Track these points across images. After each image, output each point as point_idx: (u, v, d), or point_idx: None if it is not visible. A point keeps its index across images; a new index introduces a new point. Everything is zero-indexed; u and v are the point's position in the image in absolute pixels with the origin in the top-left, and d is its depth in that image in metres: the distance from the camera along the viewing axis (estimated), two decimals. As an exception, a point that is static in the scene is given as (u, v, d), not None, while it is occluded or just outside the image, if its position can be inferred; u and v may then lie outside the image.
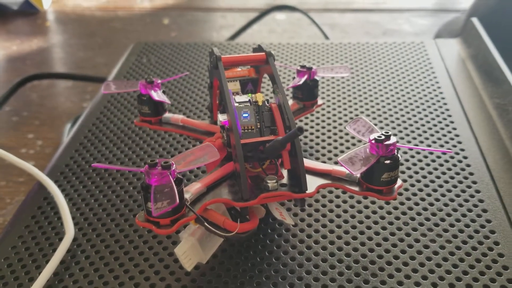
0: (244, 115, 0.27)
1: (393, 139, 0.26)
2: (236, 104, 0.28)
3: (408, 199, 0.32)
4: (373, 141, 0.26)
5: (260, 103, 0.28)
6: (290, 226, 0.31)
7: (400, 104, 0.42)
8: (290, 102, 0.37)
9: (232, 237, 0.26)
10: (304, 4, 0.83)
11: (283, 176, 0.28)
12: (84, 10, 0.85)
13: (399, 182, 0.27)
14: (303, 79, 0.35)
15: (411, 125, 0.39)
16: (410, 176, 0.34)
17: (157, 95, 0.34)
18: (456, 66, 0.46)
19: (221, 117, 0.29)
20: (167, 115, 0.35)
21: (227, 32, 0.75)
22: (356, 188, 0.27)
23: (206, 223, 0.25)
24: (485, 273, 0.27)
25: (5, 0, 0.81)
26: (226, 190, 0.27)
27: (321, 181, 0.27)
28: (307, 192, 0.26)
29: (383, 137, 0.26)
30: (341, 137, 0.38)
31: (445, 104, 0.41)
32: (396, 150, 0.26)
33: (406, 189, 0.33)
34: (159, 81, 0.35)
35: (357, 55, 0.50)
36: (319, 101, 0.37)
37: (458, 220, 0.30)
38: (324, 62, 0.49)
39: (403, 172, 0.34)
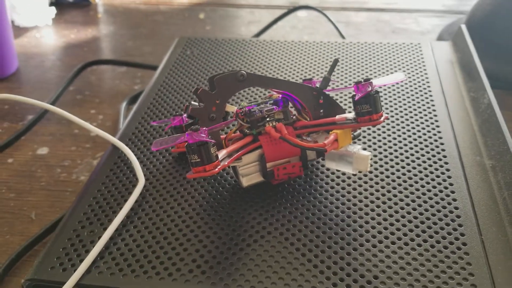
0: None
1: (369, 80, 0.36)
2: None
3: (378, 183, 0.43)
4: (355, 85, 0.37)
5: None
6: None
7: (391, 97, 0.52)
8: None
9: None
10: (323, 3, 0.93)
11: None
12: (130, 3, 0.96)
13: (385, 115, 0.37)
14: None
15: (397, 114, 0.49)
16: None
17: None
18: (445, 66, 0.56)
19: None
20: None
21: (254, 27, 0.85)
22: (355, 123, 0.37)
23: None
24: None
25: (61, -8, 0.92)
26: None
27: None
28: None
29: (362, 80, 0.36)
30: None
31: (432, 101, 0.51)
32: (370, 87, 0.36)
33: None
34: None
35: (362, 54, 0.60)
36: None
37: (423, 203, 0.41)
38: (328, 60, 0.59)
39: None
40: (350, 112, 0.41)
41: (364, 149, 0.44)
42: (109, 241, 0.37)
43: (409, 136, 0.46)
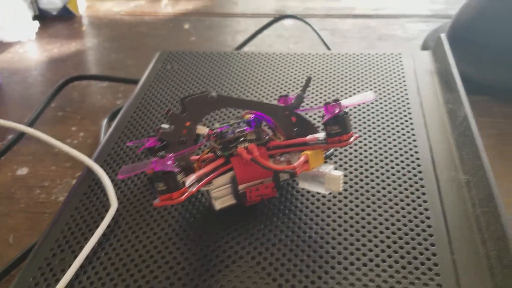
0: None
1: (338, 101, 0.36)
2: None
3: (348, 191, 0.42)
4: (324, 106, 0.37)
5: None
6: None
7: (369, 110, 0.52)
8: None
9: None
10: (309, 10, 0.93)
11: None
12: (115, 15, 0.96)
13: (355, 135, 0.37)
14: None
15: (374, 128, 0.49)
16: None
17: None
18: (425, 77, 0.56)
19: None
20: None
21: (241, 37, 0.85)
22: (324, 144, 0.37)
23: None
24: None
25: (45, 6, 0.92)
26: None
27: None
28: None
29: (332, 101, 0.37)
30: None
31: (410, 114, 0.50)
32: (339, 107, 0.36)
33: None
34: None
35: (344, 65, 0.59)
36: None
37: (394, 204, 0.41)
38: (310, 72, 0.59)
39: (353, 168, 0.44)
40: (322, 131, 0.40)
41: (336, 168, 0.44)
42: (80, 269, 0.37)
43: (385, 152, 0.45)
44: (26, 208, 0.51)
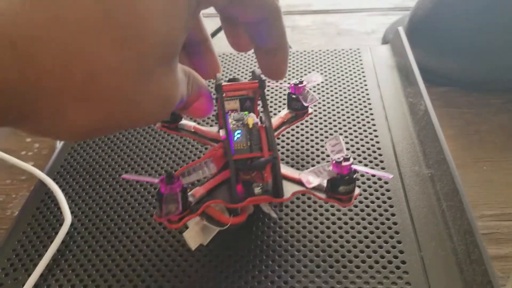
0: (237, 135, 0.35)
1: (350, 161, 0.33)
2: (233, 123, 0.35)
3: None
4: (334, 162, 0.33)
5: (250, 126, 0.35)
6: (275, 220, 0.39)
7: (330, 107, 0.51)
8: (285, 111, 0.44)
9: (226, 228, 0.34)
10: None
11: (268, 181, 0.34)
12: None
13: (357, 191, 0.34)
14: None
15: (335, 125, 0.48)
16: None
17: None
18: (385, 71, 0.55)
19: (222, 132, 0.36)
20: (182, 122, 0.43)
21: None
22: (323, 196, 0.34)
23: (205, 218, 0.33)
24: None
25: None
26: (223, 193, 0.34)
27: (296, 188, 0.34)
28: (284, 197, 0.33)
29: (342, 159, 0.33)
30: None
31: (370, 109, 0.49)
32: (351, 169, 0.33)
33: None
34: None
35: (304, 62, 0.58)
36: (310, 110, 0.44)
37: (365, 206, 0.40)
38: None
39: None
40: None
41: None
42: (33, 289, 0.35)
43: (347, 149, 0.44)
44: (-21, 225, 0.49)
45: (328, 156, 0.44)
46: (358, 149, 0.44)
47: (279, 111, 0.47)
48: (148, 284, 0.34)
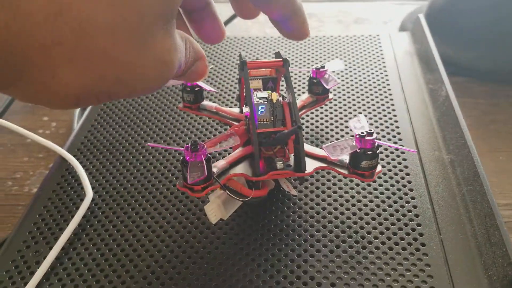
0: (261, 110, 0.35)
1: (373, 136, 0.33)
2: (256, 100, 0.35)
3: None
4: (357, 136, 0.33)
5: (274, 101, 0.35)
6: (294, 197, 0.39)
7: (350, 92, 0.51)
8: (306, 95, 0.44)
9: (247, 201, 0.34)
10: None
11: (289, 158, 0.35)
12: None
13: (379, 167, 0.34)
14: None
15: (354, 110, 0.48)
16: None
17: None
18: (404, 58, 0.55)
19: (245, 109, 0.37)
20: (204, 102, 0.43)
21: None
22: (345, 171, 0.34)
23: (227, 190, 0.33)
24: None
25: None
26: (245, 167, 0.34)
27: (318, 164, 0.35)
28: (306, 172, 0.33)
29: (365, 133, 0.33)
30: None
31: (390, 94, 0.49)
32: (374, 144, 0.33)
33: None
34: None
35: (323, 48, 0.58)
36: (330, 96, 0.44)
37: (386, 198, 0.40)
38: (288, 56, 0.57)
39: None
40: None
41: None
42: (55, 261, 0.35)
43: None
44: (-2, 201, 0.49)
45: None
46: (378, 133, 0.44)
47: (300, 96, 0.47)
48: (169, 259, 0.35)
